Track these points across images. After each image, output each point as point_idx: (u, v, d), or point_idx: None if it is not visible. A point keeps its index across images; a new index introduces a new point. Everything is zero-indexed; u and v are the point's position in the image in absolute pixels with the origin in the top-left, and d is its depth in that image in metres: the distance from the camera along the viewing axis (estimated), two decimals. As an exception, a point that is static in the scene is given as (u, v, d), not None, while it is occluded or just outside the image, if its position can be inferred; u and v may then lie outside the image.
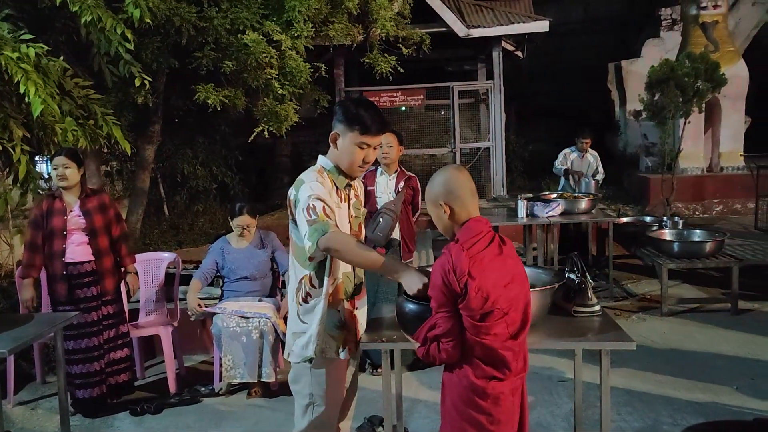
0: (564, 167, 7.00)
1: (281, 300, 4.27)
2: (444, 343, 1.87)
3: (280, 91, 6.42)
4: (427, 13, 9.00)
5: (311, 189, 2.26)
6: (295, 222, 2.32)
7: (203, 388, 4.23)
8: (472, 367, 1.88)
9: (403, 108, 10.38)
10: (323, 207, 2.20)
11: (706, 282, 6.32)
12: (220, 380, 4.12)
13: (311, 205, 2.20)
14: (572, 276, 2.69)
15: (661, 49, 11.64)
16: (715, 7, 10.16)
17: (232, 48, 6.12)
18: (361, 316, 2.53)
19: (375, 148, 2.38)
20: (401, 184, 4.44)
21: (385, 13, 7.58)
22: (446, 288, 1.86)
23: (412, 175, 4.59)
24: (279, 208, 10.50)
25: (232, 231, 4.23)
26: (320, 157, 2.44)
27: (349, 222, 2.46)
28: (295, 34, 6.37)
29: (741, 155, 10.28)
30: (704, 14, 10.21)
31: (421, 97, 9.83)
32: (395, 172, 4.46)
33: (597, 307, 2.62)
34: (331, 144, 2.36)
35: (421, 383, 4.17)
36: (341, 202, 2.42)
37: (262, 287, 4.21)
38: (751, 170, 9.46)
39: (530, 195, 6.49)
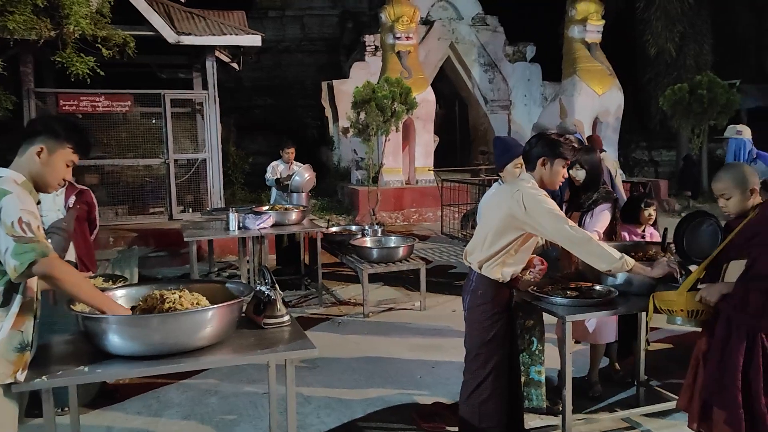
0: (275, 177, 7.21)
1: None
2: None
3: (-60, 88, 5.36)
4: (133, 14, 8.43)
5: (21, 202, 2.10)
6: None
7: None
8: None
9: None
10: (38, 226, 2.11)
11: (403, 282, 7.05)
12: None
13: (25, 221, 2.06)
14: (263, 288, 2.72)
15: (367, 72, 12.76)
16: (407, 38, 11.51)
17: None
18: (35, 340, 2.29)
19: None
20: (72, 198, 4.03)
21: (80, 9, 6.88)
22: None
23: (85, 188, 4.20)
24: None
25: None
26: (5, 170, 2.20)
27: None
28: (-40, 22, 5.39)
29: (429, 170, 11.80)
30: (399, 44, 11.49)
31: (129, 103, 9.16)
32: (63, 186, 4.02)
33: (286, 318, 2.69)
34: (34, 157, 2.24)
35: (109, 419, 3.82)
36: None
37: None
38: (437, 183, 10.91)
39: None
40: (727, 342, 2.70)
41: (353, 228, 7.38)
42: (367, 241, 6.35)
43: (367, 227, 6.85)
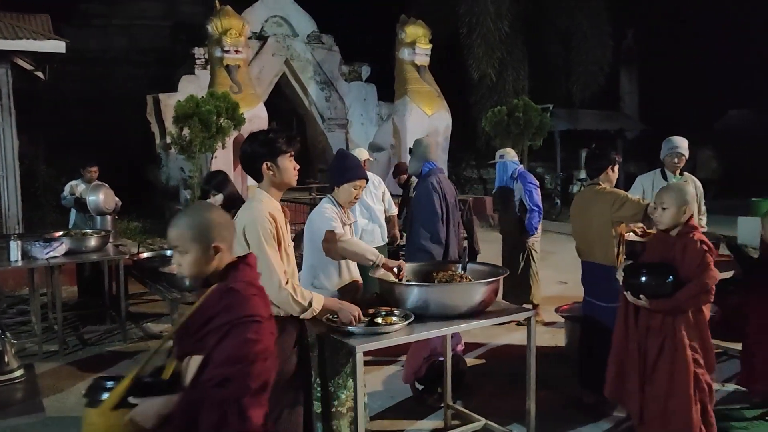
0: (74, 196, 6.46)
1: None
2: None
3: None
4: None
5: None
6: None
7: None
8: None
9: None
10: None
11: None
12: None
13: None
14: (-10, 338, 2.25)
15: (196, 86, 12.10)
16: (236, 52, 11.07)
17: None
18: None
19: None
20: None
21: None
22: None
23: None
24: None
25: None
26: None
27: None
28: None
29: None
30: (227, 57, 11.02)
31: None
32: None
33: (17, 373, 2.23)
34: None
35: None
36: None
37: None
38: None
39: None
40: None
41: (168, 253, 6.79)
42: (179, 268, 5.84)
43: (181, 252, 6.33)
